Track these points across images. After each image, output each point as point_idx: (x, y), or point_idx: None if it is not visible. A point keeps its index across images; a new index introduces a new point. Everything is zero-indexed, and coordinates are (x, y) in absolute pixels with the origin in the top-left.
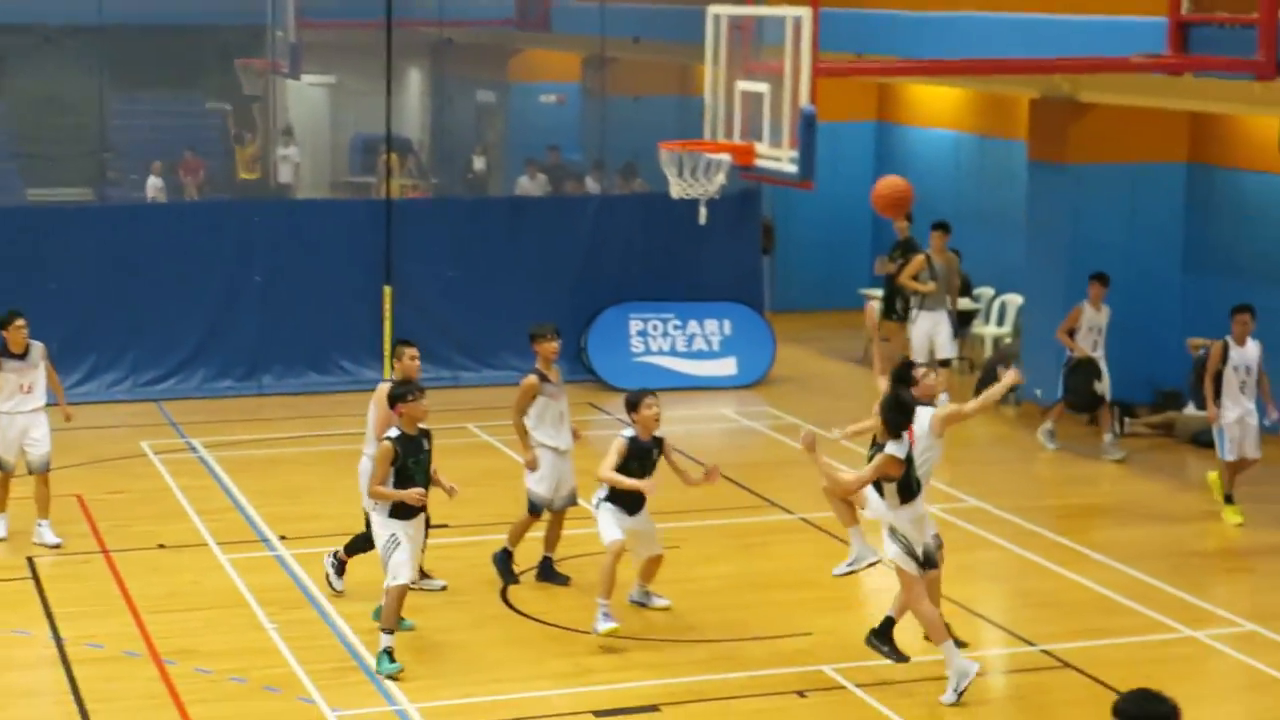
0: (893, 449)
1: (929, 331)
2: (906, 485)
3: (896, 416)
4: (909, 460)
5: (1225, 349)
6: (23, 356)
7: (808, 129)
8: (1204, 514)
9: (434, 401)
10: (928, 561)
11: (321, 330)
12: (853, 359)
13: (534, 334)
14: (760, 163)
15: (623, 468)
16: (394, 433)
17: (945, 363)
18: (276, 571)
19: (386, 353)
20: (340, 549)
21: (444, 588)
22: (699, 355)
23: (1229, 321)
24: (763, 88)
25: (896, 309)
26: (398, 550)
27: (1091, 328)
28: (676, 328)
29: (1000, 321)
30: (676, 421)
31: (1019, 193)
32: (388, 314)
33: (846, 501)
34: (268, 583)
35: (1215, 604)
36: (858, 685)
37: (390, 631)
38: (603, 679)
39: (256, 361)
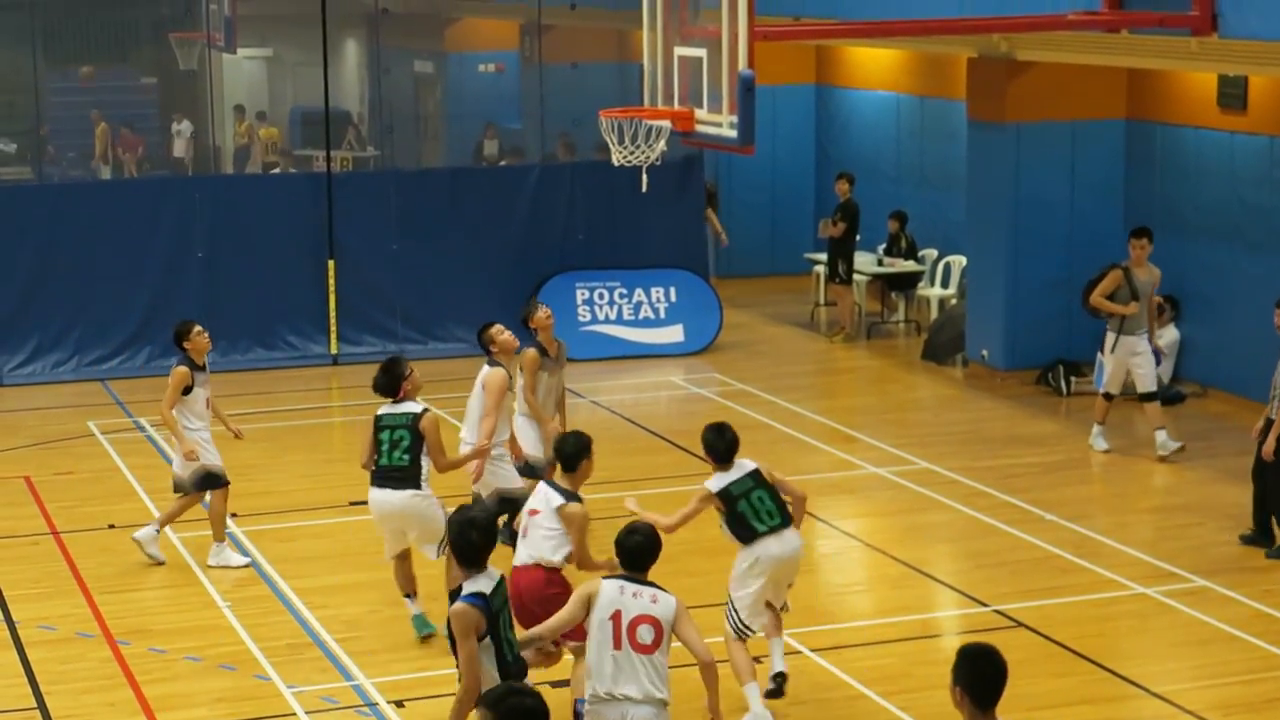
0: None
1: (1125, 361)
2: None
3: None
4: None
5: None
6: (204, 367)
7: (747, 93)
8: (1151, 471)
9: None
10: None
11: (266, 305)
12: (799, 323)
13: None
14: (700, 128)
15: None
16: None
17: (1149, 397)
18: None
19: (332, 327)
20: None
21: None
22: (646, 323)
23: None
24: (701, 53)
25: (840, 272)
26: None
27: None
28: (622, 296)
29: (945, 283)
30: (625, 390)
31: (960, 153)
32: (332, 288)
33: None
34: None
35: (1165, 560)
36: (813, 650)
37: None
38: None
39: None
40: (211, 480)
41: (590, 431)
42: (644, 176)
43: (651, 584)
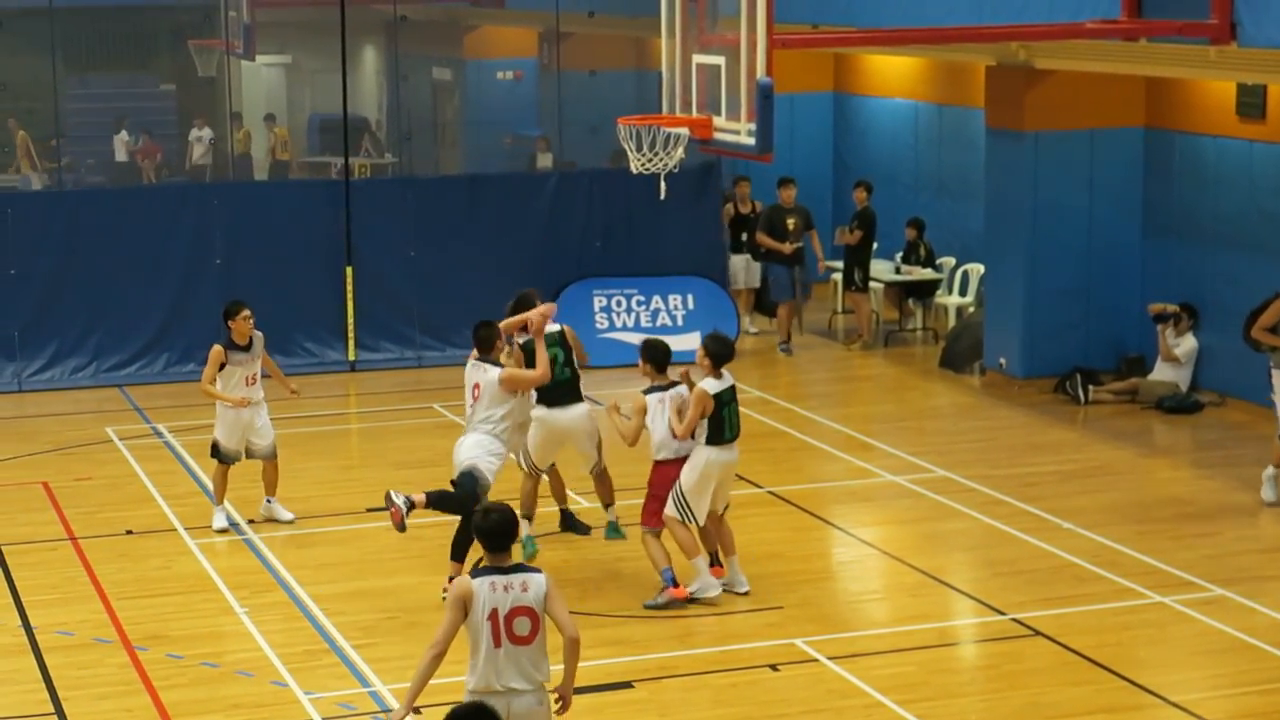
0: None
1: None
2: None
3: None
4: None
5: None
6: (247, 348)
7: (765, 101)
8: (1170, 479)
9: (399, 382)
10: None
11: (284, 312)
12: (817, 331)
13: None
14: (718, 136)
15: None
16: None
17: None
18: (246, 555)
19: (350, 333)
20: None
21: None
22: (663, 330)
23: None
24: (719, 60)
25: (855, 279)
26: None
27: None
28: (640, 303)
29: (963, 291)
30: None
31: (978, 161)
32: (350, 294)
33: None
34: (237, 566)
35: (1183, 569)
36: (830, 658)
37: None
38: None
39: None
40: (215, 451)
41: (608, 440)
42: (662, 184)
43: (518, 568)
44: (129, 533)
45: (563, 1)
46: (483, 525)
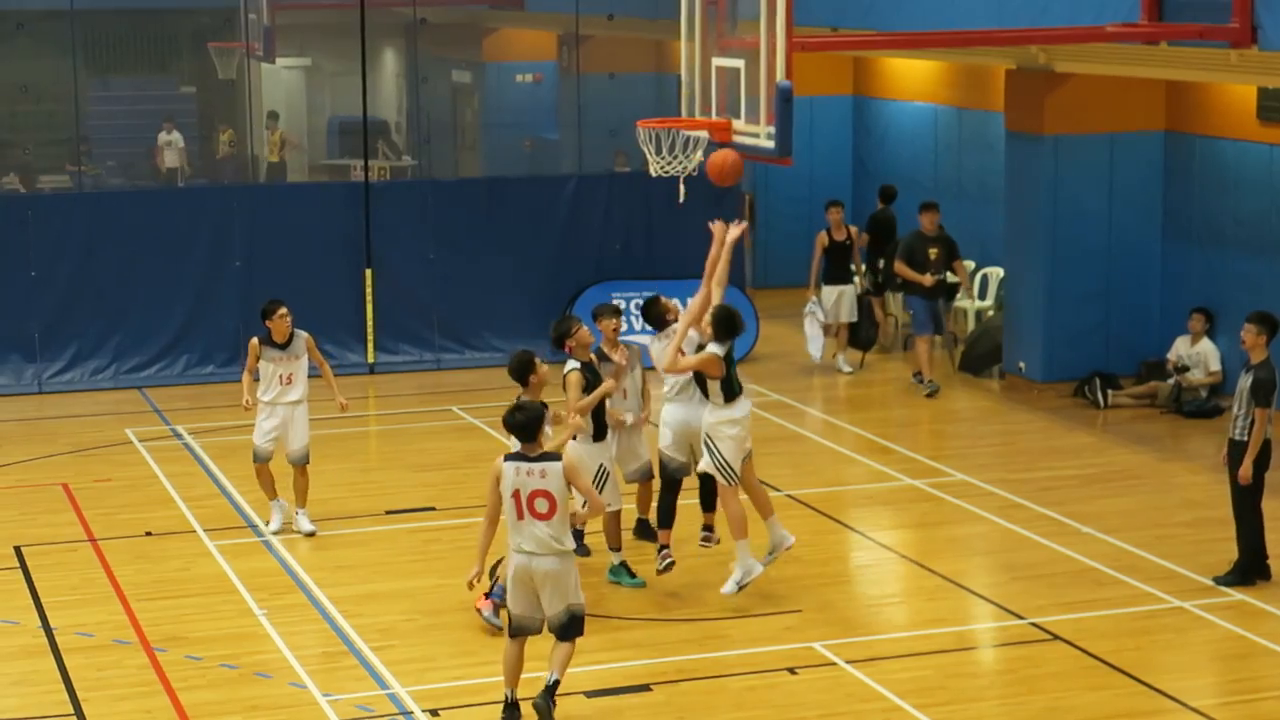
0: (714, 348)
1: None
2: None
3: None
4: (728, 360)
5: None
6: (284, 346)
7: (785, 104)
8: (1189, 483)
9: (417, 384)
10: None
11: (303, 314)
12: (835, 334)
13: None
14: (738, 139)
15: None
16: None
17: None
18: (265, 557)
19: (369, 336)
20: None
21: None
22: None
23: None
24: (739, 63)
25: (870, 285)
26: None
27: None
28: None
29: (982, 295)
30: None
31: (998, 164)
32: (369, 297)
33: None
34: (256, 568)
35: (1202, 574)
36: (849, 662)
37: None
38: (593, 659)
39: (239, 346)
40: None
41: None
42: (681, 187)
43: (543, 456)
44: (148, 534)
45: (582, 4)
46: (512, 421)
